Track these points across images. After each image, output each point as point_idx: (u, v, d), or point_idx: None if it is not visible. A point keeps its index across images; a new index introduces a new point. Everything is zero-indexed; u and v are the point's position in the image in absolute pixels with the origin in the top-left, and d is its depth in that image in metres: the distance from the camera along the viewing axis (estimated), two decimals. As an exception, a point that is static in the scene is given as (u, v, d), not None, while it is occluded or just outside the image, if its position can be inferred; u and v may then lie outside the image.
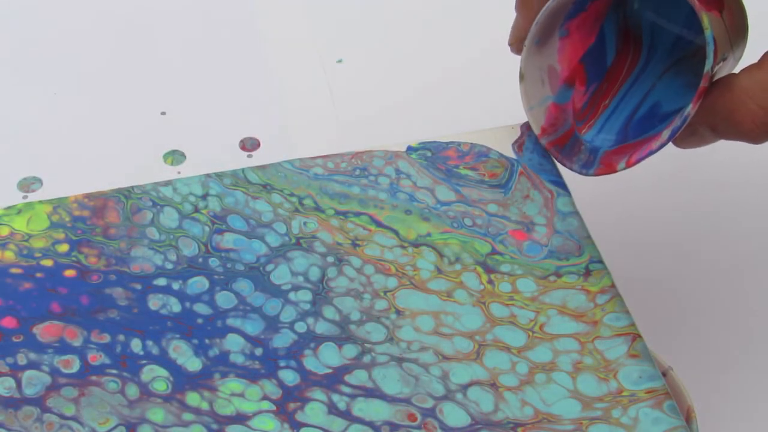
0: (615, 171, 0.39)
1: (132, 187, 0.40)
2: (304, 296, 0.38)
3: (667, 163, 0.54)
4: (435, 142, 0.43)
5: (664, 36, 0.41)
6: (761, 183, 0.53)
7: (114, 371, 0.35)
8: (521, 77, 0.40)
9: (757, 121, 0.36)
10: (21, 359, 0.35)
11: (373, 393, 0.36)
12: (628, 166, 0.39)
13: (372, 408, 0.35)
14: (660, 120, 0.40)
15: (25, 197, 0.50)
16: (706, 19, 0.36)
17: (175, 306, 0.37)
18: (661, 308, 0.47)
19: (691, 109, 0.36)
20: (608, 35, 0.41)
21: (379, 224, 0.40)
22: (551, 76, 0.41)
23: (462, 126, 0.45)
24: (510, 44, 0.41)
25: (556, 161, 0.42)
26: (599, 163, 0.40)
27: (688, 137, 0.38)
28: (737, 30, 0.38)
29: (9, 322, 0.36)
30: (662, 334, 0.45)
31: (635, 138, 0.40)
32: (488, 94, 0.47)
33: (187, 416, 0.35)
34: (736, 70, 0.37)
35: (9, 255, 0.38)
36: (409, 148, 0.42)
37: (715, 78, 0.37)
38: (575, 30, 0.40)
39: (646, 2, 0.41)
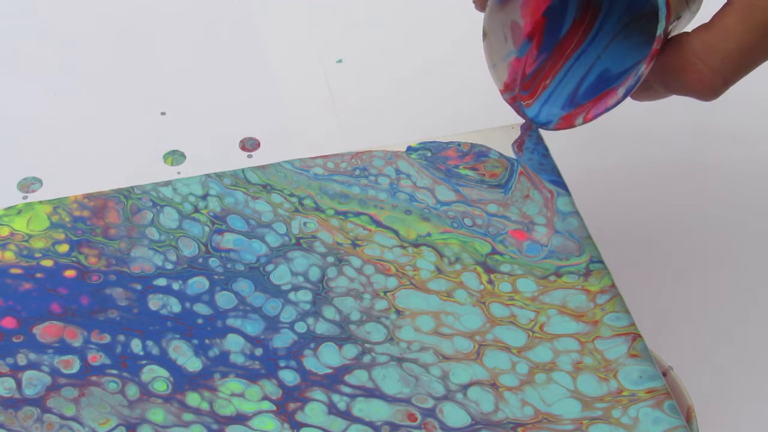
0: (573, 126, 0.41)
1: (132, 188, 0.40)
2: (304, 296, 0.38)
3: (668, 163, 0.54)
4: (435, 142, 0.43)
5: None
6: (762, 183, 0.53)
7: (114, 371, 0.35)
8: (484, 35, 0.41)
9: (705, 81, 0.37)
10: (21, 359, 0.35)
11: (373, 393, 0.36)
12: (586, 121, 0.40)
13: (372, 408, 0.35)
14: (611, 81, 0.41)
15: (25, 197, 0.50)
16: None
17: (175, 306, 0.37)
18: (661, 308, 0.47)
19: (644, 70, 0.38)
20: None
21: (379, 224, 0.40)
22: (514, 31, 0.41)
23: (462, 126, 0.45)
24: (474, 1, 0.41)
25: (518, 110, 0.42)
26: (559, 119, 0.41)
27: (642, 92, 0.40)
28: None
29: (9, 322, 0.36)
30: (662, 334, 0.45)
31: (583, 102, 0.41)
32: (488, 94, 0.47)
33: (188, 416, 0.35)
34: (690, 27, 0.38)
35: (9, 255, 0.38)
36: (409, 148, 0.42)
37: (670, 35, 0.38)
38: None
39: None
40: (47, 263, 0.38)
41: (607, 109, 0.39)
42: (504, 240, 0.40)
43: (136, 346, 0.36)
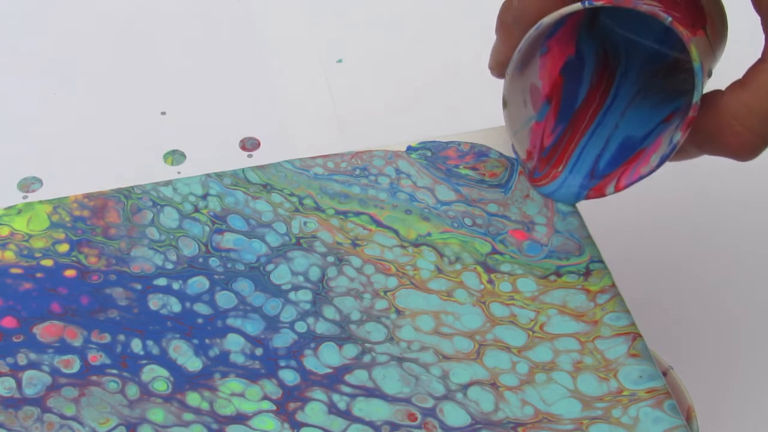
0: (605, 195, 0.40)
1: (132, 187, 0.40)
2: (305, 296, 0.38)
3: (669, 164, 0.54)
4: (435, 141, 0.43)
5: (638, 53, 0.41)
6: (763, 183, 0.53)
7: (114, 371, 0.35)
8: (504, 104, 0.40)
9: (743, 143, 0.36)
10: (21, 359, 0.35)
11: (373, 393, 0.36)
12: (617, 190, 0.39)
13: (372, 408, 0.35)
14: (636, 146, 0.40)
15: (25, 197, 0.50)
16: (695, 50, 0.36)
17: (176, 306, 0.37)
18: (661, 308, 0.47)
19: (681, 138, 0.37)
20: (587, 53, 0.41)
21: (379, 224, 0.40)
22: (533, 95, 0.40)
23: (462, 126, 0.45)
24: (490, 68, 0.40)
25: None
26: (588, 191, 0.40)
27: (679, 153, 0.39)
28: (719, 38, 0.39)
29: (9, 322, 0.36)
30: (662, 333, 0.45)
31: (606, 173, 0.40)
32: (488, 93, 0.47)
33: (188, 416, 0.35)
34: (718, 80, 0.37)
35: (9, 255, 0.38)
36: (409, 148, 0.42)
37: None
38: (555, 44, 0.40)
39: (619, 21, 0.41)
40: (47, 263, 0.38)
41: (641, 178, 0.38)
42: (504, 240, 0.40)
43: (136, 345, 0.36)
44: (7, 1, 0.60)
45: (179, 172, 0.51)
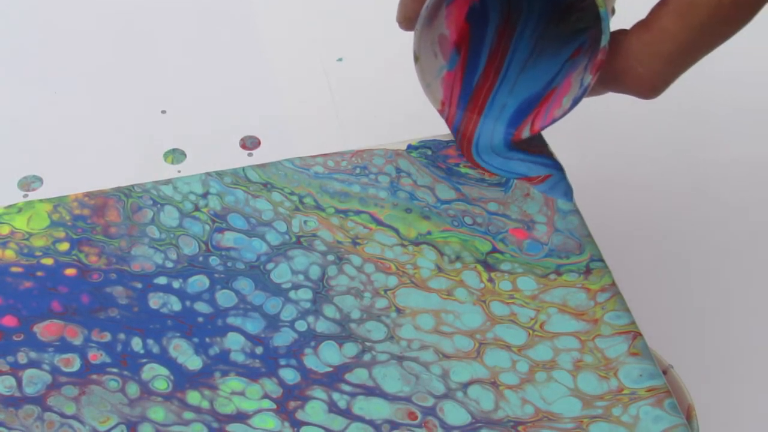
0: (521, 139, 0.41)
1: (132, 186, 0.40)
2: (305, 295, 0.38)
3: (669, 162, 0.54)
4: (435, 140, 0.43)
5: (535, 3, 0.42)
6: (763, 183, 0.53)
7: (114, 370, 0.35)
8: (416, 59, 0.40)
9: (645, 83, 0.37)
10: (21, 358, 0.35)
11: (373, 391, 0.36)
12: (533, 133, 0.40)
13: (372, 406, 0.35)
14: (545, 88, 0.41)
15: (25, 196, 0.50)
16: None
17: (176, 305, 0.37)
18: (661, 306, 0.47)
19: (591, 80, 0.38)
20: (491, 4, 0.42)
21: (379, 223, 0.40)
22: (442, 44, 0.41)
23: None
24: (398, 22, 0.41)
25: None
26: (510, 136, 0.41)
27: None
28: None
29: (9, 320, 0.36)
30: (663, 332, 0.45)
31: (521, 117, 0.41)
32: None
33: (188, 415, 0.35)
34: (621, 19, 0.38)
35: (9, 254, 0.38)
36: (410, 147, 0.42)
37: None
38: None
39: None
40: (47, 262, 0.38)
41: (554, 120, 0.39)
42: (504, 238, 0.40)
43: (136, 344, 0.36)
44: (6, 1, 0.60)
45: (179, 171, 0.51)
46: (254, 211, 0.40)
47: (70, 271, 0.38)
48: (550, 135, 0.44)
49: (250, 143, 0.53)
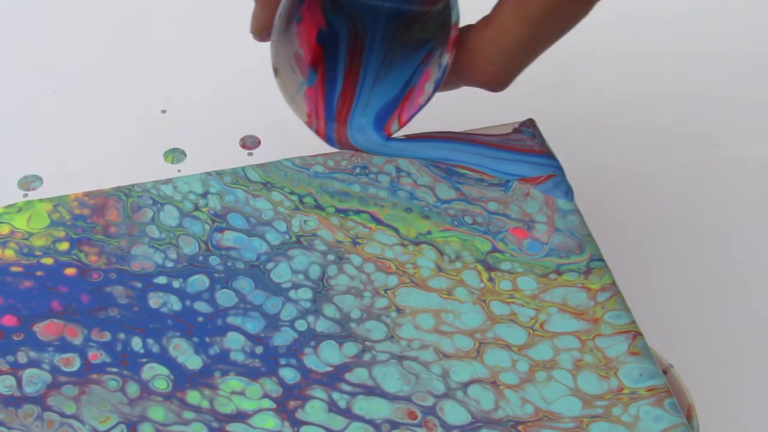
0: (392, 134, 0.41)
1: (132, 186, 0.40)
2: (305, 294, 0.38)
3: (669, 161, 0.54)
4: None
5: (382, 16, 0.43)
6: (763, 183, 0.53)
7: (114, 369, 0.35)
8: (275, 72, 0.41)
9: (489, 77, 0.38)
10: (21, 357, 0.35)
11: (373, 391, 0.36)
12: (401, 125, 0.41)
13: (372, 406, 0.35)
14: (401, 94, 0.42)
15: (25, 195, 0.50)
16: None
17: (176, 304, 0.37)
18: (661, 306, 0.47)
19: (448, 59, 0.39)
20: (338, 24, 0.42)
21: (379, 222, 0.40)
22: (298, 62, 0.42)
23: (462, 125, 0.45)
24: (251, 33, 0.41)
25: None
26: (381, 134, 0.42)
27: (441, 87, 0.40)
28: None
29: (9, 320, 0.36)
30: (663, 331, 0.45)
31: (387, 117, 0.42)
32: (488, 93, 0.46)
33: (188, 414, 0.35)
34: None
35: (9, 253, 0.38)
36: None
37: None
38: (306, 12, 0.41)
39: None
40: (47, 261, 0.38)
41: (420, 108, 0.40)
42: (504, 238, 0.40)
43: (136, 344, 0.36)
44: (6, 1, 0.60)
45: (179, 171, 0.51)
46: (254, 211, 0.40)
47: (70, 271, 0.38)
48: (550, 135, 0.44)
49: (250, 143, 0.53)
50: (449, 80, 0.40)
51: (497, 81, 0.38)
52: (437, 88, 0.40)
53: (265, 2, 0.40)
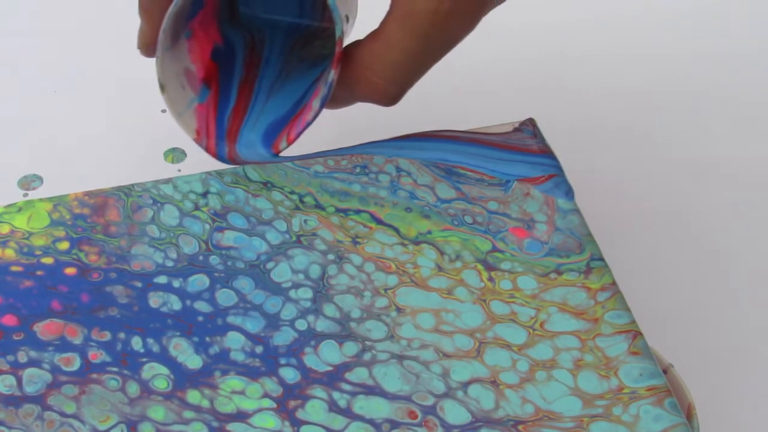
0: (280, 151, 0.41)
1: (132, 185, 0.40)
2: (305, 294, 0.38)
3: (668, 161, 0.54)
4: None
5: (280, 30, 0.43)
6: (763, 182, 0.53)
7: (115, 369, 0.35)
8: (162, 88, 0.40)
9: (380, 92, 0.38)
10: (21, 357, 0.35)
11: (373, 391, 0.36)
12: (290, 143, 0.40)
13: (372, 405, 0.35)
14: (294, 109, 0.42)
15: (25, 195, 0.50)
16: None
17: (176, 304, 0.37)
18: (661, 306, 0.47)
19: (333, 75, 0.38)
20: (235, 39, 0.42)
21: (379, 222, 0.40)
22: (189, 78, 0.41)
23: (462, 124, 0.45)
24: (138, 48, 0.41)
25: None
26: (269, 149, 0.41)
27: (329, 104, 0.40)
28: None
29: (9, 320, 0.36)
30: (663, 331, 0.45)
31: (276, 134, 0.41)
32: (488, 92, 0.47)
33: (188, 414, 0.35)
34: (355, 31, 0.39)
35: (9, 253, 0.38)
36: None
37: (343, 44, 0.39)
38: (198, 28, 0.41)
39: (262, 5, 0.43)
40: (48, 261, 0.38)
41: (308, 124, 0.40)
42: (504, 237, 0.40)
43: (136, 343, 0.36)
44: (7, 1, 0.60)
45: (180, 170, 0.51)
46: (254, 210, 0.40)
47: (70, 270, 0.38)
48: (550, 135, 0.44)
49: (250, 142, 0.53)
50: (340, 96, 0.40)
51: (388, 95, 0.38)
52: (323, 104, 0.39)
53: (150, 18, 0.39)
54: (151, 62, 0.57)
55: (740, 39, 0.60)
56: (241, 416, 0.35)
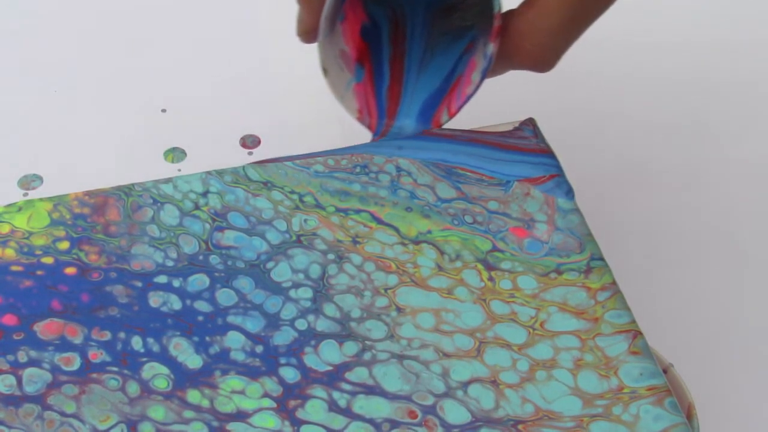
0: (441, 125, 0.42)
1: (132, 185, 0.40)
2: (305, 293, 0.38)
3: (669, 160, 0.54)
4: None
5: (420, 6, 0.43)
6: (763, 182, 0.53)
7: (115, 369, 0.35)
8: (324, 72, 0.41)
9: (536, 59, 0.39)
10: (21, 357, 0.35)
11: (373, 390, 0.36)
12: (451, 116, 0.42)
13: (372, 405, 0.35)
14: (447, 83, 0.43)
15: (25, 195, 0.50)
16: None
17: (176, 303, 0.37)
18: (661, 305, 0.47)
19: (493, 48, 0.39)
20: (379, 16, 0.43)
21: (379, 221, 0.40)
22: (345, 59, 0.42)
23: (463, 124, 0.45)
24: (298, 36, 0.42)
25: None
26: (428, 124, 0.43)
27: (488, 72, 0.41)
28: None
29: (9, 319, 0.36)
30: (663, 331, 0.45)
31: (434, 108, 0.42)
32: (489, 92, 0.46)
33: (188, 414, 0.35)
34: None
35: (9, 252, 0.38)
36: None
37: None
38: (349, 10, 0.42)
39: None
40: (48, 260, 0.38)
41: (469, 98, 0.41)
42: (505, 237, 0.40)
43: (136, 343, 0.36)
44: (7, 1, 0.60)
45: (180, 170, 0.51)
46: (254, 210, 0.40)
47: (70, 270, 0.38)
48: (550, 135, 0.44)
49: (250, 142, 0.53)
50: (496, 66, 0.41)
51: (546, 62, 0.39)
52: (484, 77, 0.40)
53: (309, 5, 0.40)
54: (152, 62, 0.57)
55: (742, 33, 0.60)
56: (241, 416, 0.35)
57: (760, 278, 0.49)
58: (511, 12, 0.39)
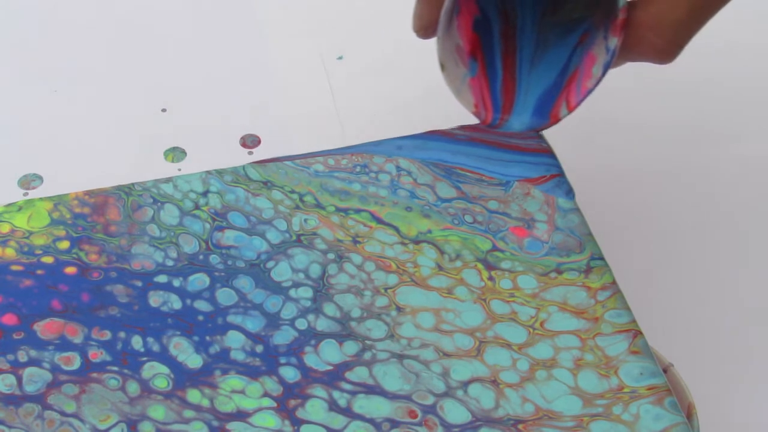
0: (560, 120, 0.41)
1: (132, 184, 0.40)
2: (305, 293, 0.38)
3: (669, 160, 0.54)
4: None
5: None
6: (763, 182, 0.53)
7: (115, 368, 0.35)
8: (442, 67, 0.41)
9: (660, 50, 0.38)
10: (22, 356, 0.35)
11: (373, 390, 0.36)
12: (571, 110, 0.41)
13: (373, 405, 0.35)
14: (563, 74, 0.42)
15: (25, 194, 0.50)
16: None
17: (176, 303, 0.37)
18: (661, 305, 0.47)
19: (617, 42, 0.39)
20: (489, 9, 0.43)
21: (379, 221, 0.40)
22: (459, 54, 0.42)
23: (463, 123, 0.45)
24: (416, 31, 0.41)
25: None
26: (546, 119, 0.42)
27: None
28: None
29: (10, 319, 0.36)
30: (663, 330, 0.45)
31: (552, 101, 0.42)
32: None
33: (188, 413, 0.35)
34: None
35: (10, 252, 0.38)
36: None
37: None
38: (463, 4, 0.41)
39: None
40: (48, 260, 0.38)
41: (589, 92, 0.40)
42: (505, 237, 0.40)
43: (136, 342, 0.36)
44: (7, 1, 0.60)
45: (180, 169, 0.51)
46: (254, 210, 0.40)
47: (71, 270, 0.38)
48: (550, 134, 0.44)
49: (250, 142, 0.53)
50: (617, 58, 0.40)
51: (670, 54, 0.38)
52: (606, 71, 0.40)
53: (428, 1, 0.40)
54: (152, 62, 0.57)
55: (745, 33, 0.60)
56: (241, 415, 0.35)
57: (760, 278, 0.49)
58: (634, 4, 0.39)
